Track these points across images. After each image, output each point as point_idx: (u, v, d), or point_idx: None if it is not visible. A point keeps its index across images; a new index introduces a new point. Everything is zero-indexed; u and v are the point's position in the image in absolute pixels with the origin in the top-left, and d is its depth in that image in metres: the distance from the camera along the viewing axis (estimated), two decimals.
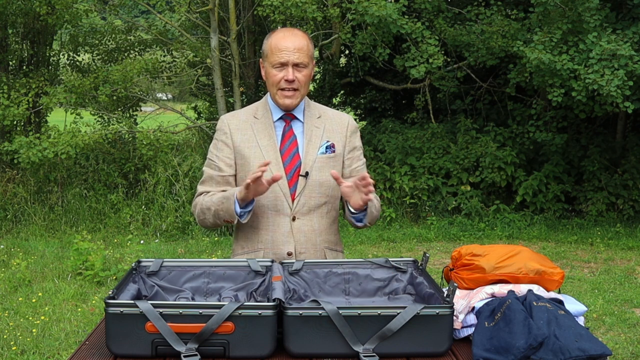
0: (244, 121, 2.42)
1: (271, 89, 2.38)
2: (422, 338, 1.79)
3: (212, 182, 2.42)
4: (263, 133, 2.39)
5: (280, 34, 2.34)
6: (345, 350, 1.78)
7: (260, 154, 2.36)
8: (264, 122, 2.41)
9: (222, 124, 2.44)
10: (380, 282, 2.19)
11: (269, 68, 2.35)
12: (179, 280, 2.16)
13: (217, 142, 2.43)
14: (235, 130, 2.40)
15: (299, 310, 1.78)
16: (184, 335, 1.76)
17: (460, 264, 2.14)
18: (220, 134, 2.42)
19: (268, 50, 2.33)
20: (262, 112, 2.43)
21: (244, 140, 2.39)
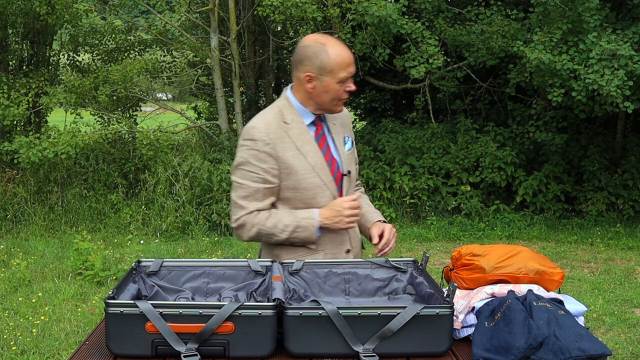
0: (278, 128, 2.35)
1: (328, 101, 2.37)
2: (422, 338, 1.79)
3: (258, 195, 2.33)
4: (301, 139, 2.37)
5: (338, 48, 2.33)
6: (345, 350, 1.78)
7: (305, 160, 2.35)
8: (297, 127, 2.38)
9: (260, 134, 2.32)
10: (380, 282, 2.19)
11: (333, 83, 2.33)
12: (179, 280, 2.16)
13: (259, 152, 2.31)
14: (275, 139, 2.33)
15: (299, 310, 1.78)
16: (184, 335, 1.76)
17: (460, 264, 2.14)
18: (261, 144, 2.32)
19: (334, 67, 2.30)
20: (291, 117, 2.38)
21: (285, 149, 2.33)
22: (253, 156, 2.32)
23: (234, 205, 2.37)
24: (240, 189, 2.34)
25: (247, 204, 2.33)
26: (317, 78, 2.31)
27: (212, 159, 9.23)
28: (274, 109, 2.41)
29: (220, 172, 8.61)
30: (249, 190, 2.33)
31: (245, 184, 2.33)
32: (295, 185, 2.34)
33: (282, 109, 2.40)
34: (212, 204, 8.43)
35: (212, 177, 8.55)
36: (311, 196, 2.36)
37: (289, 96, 2.42)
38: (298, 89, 2.40)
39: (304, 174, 2.33)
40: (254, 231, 2.34)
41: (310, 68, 2.31)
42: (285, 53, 11.52)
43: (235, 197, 2.36)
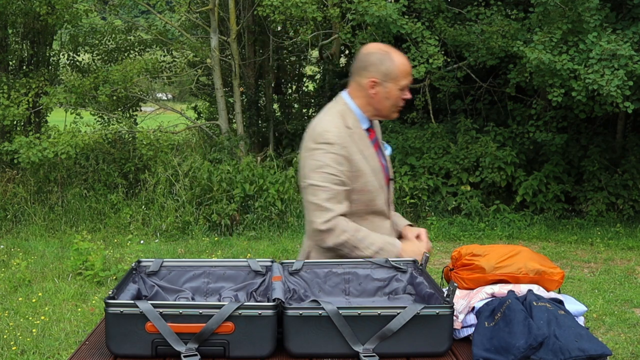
0: (345, 131, 2.40)
1: (387, 107, 2.47)
2: (422, 338, 1.79)
3: (340, 197, 2.36)
4: (362, 143, 2.44)
5: (401, 57, 2.44)
6: (345, 350, 1.78)
7: (367, 165, 2.42)
8: (358, 132, 2.45)
9: (335, 138, 2.37)
10: (380, 282, 2.19)
11: (395, 89, 2.43)
12: (179, 280, 2.16)
13: (337, 156, 2.35)
14: (346, 142, 2.39)
15: (299, 310, 1.78)
16: (184, 335, 1.76)
17: (460, 264, 2.14)
18: (338, 148, 2.36)
19: (398, 74, 2.41)
20: (352, 122, 2.44)
21: (354, 152, 2.40)
22: (332, 159, 2.35)
23: (317, 208, 2.34)
24: (322, 191, 2.34)
25: (333, 206, 2.33)
26: (381, 84, 2.41)
27: (212, 159, 9.23)
28: (335, 113, 2.45)
29: (220, 172, 8.61)
30: (332, 192, 2.34)
31: (327, 187, 2.34)
32: (361, 188, 2.40)
33: (343, 114, 2.45)
34: (212, 204, 8.43)
35: (212, 177, 8.55)
36: (372, 198, 2.44)
37: (347, 101, 2.48)
38: (357, 95, 2.47)
39: (369, 177, 2.41)
40: (343, 238, 2.33)
41: (375, 74, 2.40)
42: (285, 53, 11.52)
43: (317, 200, 2.34)
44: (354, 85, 2.48)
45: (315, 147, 2.37)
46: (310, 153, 2.39)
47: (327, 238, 2.33)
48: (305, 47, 11.00)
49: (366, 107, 2.47)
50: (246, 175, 8.58)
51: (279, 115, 11.39)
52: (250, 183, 8.53)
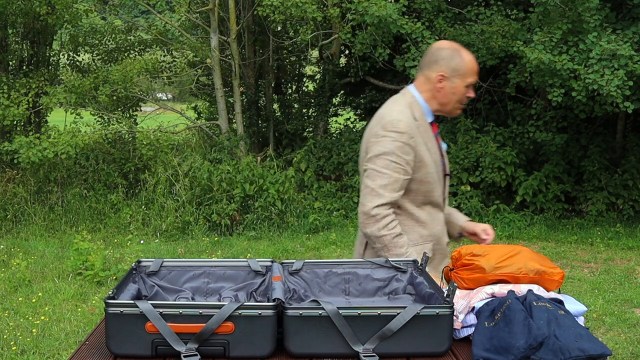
0: (413, 124, 2.48)
1: (452, 102, 2.54)
2: (422, 338, 1.79)
3: (396, 186, 2.43)
4: (426, 135, 2.52)
5: (470, 55, 2.53)
6: (345, 350, 1.78)
7: (430, 156, 2.51)
8: (424, 125, 2.53)
9: (405, 127, 2.45)
10: (380, 282, 2.19)
11: (461, 86, 2.51)
12: (179, 280, 2.16)
13: (404, 145, 2.44)
14: (414, 133, 2.46)
15: (299, 310, 1.78)
16: (184, 335, 1.76)
17: (460, 264, 2.14)
18: (407, 137, 2.44)
19: (467, 71, 2.50)
20: (418, 114, 2.52)
21: (419, 143, 2.48)
22: (398, 148, 2.43)
23: (370, 192, 2.43)
24: (380, 177, 2.42)
25: (385, 193, 2.42)
26: (449, 79, 2.49)
27: (212, 159, 9.23)
28: (404, 104, 2.53)
29: (220, 172, 8.61)
30: (390, 179, 2.42)
31: (387, 173, 2.42)
32: (422, 178, 2.49)
33: (411, 105, 2.53)
34: (212, 204, 8.43)
35: (212, 177, 8.55)
36: (430, 189, 2.53)
37: (415, 94, 2.56)
38: (424, 88, 2.55)
39: (430, 169, 2.50)
40: (381, 233, 2.41)
41: (445, 69, 2.49)
42: (285, 53, 11.52)
43: (372, 184, 2.43)
44: (421, 78, 2.56)
45: (384, 134, 2.45)
46: (377, 139, 2.46)
47: (369, 224, 2.42)
48: (305, 47, 11.00)
49: (431, 101, 2.55)
50: (246, 175, 8.58)
51: (279, 115, 11.39)
52: (250, 183, 8.53)
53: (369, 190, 2.44)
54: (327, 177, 9.72)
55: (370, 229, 2.42)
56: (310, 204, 8.85)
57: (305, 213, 8.61)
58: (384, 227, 2.41)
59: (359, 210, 2.47)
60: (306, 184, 9.37)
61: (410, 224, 2.55)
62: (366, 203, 2.42)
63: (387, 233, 2.41)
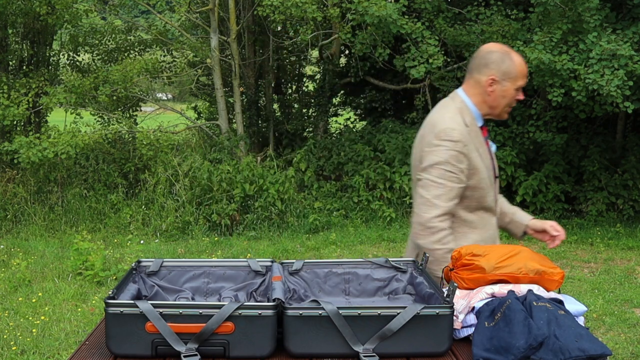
0: (465, 130, 2.46)
1: (501, 106, 2.52)
2: (422, 338, 1.79)
3: (451, 195, 2.42)
4: (477, 141, 2.50)
5: (520, 58, 2.51)
6: (345, 350, 1.78)
7: (482, 162, 2.49)
8: (474, 130, 2.50)
9: (458, 135, 2.43)
10: (380, 282, 2.19)
11: (512, 89, 2.50)
12: (179, 280, 2.16)
13: (458, 154, 2.42)
14: (466, 140, 2.44)
15: (299, 310, 1.78)
16: (184, 335, 1.76)
17: (460, 264, 2.14)
18: (460, 145, 2.42)
19: (517, 74, 2.49)
20: (469, 120, 2.50)
21: (472, 150, 2.46)
22: (452, 157, 2.41)
23: (425, 202, 2.42)
24: (435, 187, 2.41)
25: (441, 203, 2.40)
26: (500, 82, 2.47)
27: (212, 159, 9.23)
28: (454, 110, 2.50)
29: (220, 172, 8.61)
30: (445, 189, 2.41)
31: (443, 183, 2.40)
32: (475, 185, 2.47)
33: (462, 111, 2.50)
34: (212, 204, 8.43)
35: (212, 177, 8.55)
36: (483, 195, 2.52)
37: (464, 99, 2.53)
38: (474, 92, 2.53)
39: (483, 174, 2.48)
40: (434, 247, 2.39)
41: (496, 72, 2.47)
42: (285, 53, 11.52)
43: (428, 195, 2.42)
44: (471, 82, 2.54)
45: (437, 143, 2.43)
46: (431, 149, 2.44)
47: (423, 236, 2.41)
48: (305, 47, 11.00)
49: (481, 105, 2.52)
50: (246, 175, 8.58)
51: (279, 115, 11.39)
52: (250, 183, 8.53)
53: (423, 200, 2.42)
54: (327, 177, 9.73)
55: (423, 241, 2.41)
56: (310, 204, 8.85)
57: (305, 213, 8.61)
58: (438, 241, 2.39)
59: (414, 221, 2.45)
60: (306, 184, 9.37)
61: (464, 230, 2.53)
62: (422, 214, 2.41)
63: (440, 247, 2.39)
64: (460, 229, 2.52)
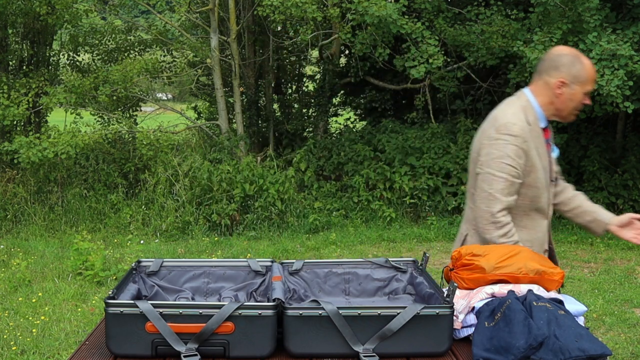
0: (527, 128, 2.50)
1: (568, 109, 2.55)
2: (422, 338, 1.79)
3: (512, 189, 2.46)
4: (538, 141, 2.53)
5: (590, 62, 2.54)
6: (345, 350, 1.78)
7: (540, 162, 2.52)
8: (536, 129, 2.53)
9: (519, 131, 2.47)
10: (380, 282, 2.19)
11: (580, 93, 2.52)
12: (179, 280, 2.16)
13: (518, 149, 2.46)
14: (528, 137, 2.48)
15: (299, 310, 1.78)
16: (184, 335, 1.76)
17: (460, 264, 2.14)
18: (520, 141, 2.46)
19: (587, 78, 2.51)
20: (532, 119, 2.53)
21: (531, 147, 2.49)
22: (513, 151, 2.45)
23: (488, 196, 2.46)
24: (497, 181, 2.45)
25: (503, 198, 2.45)
26: (569, 85, 2.50)
27: (212, 159, 9.23)
28: (518, 107, 2.55)
29: (220, 172, 8.61)
30: (506, 183, 2.45)
31: (503, 177, 2.45)
32: (530, 183, 2.50)
33: (525, 109, 2.54)
34: (212, 204, 8.43)
35: (212, 177, 8.55)
36: (538, 195, 2.54)
37: (529, 98, 2.57)
38: (541, 93, 2.56)
39: (539, 174, 2.52)
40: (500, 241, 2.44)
41: (566, 75, 2.50)
42: (285, 53, 11.52)
43: (491, 189, 2.46)
44: (539, 83, 2.57)
45: (498, 137, 2.47)
46: (491, 142, 2.48)
47: (490, 231, 2.45)
48: (305, 47, 11.00)
49: (547, 106, 2.55)
50: (246, 175, 8.58)
51: (279, 115, 11.39)
52: (250, 183, 8.53)
53: (487, 195, 2.46)
54: (327, 177, 9.73)
55: (490, 235, 2.45)
56: (310, 204, 8.85)
57: (305, 213, 8.61)
58: (504, 235, 2.44)
59: (478, 215, 2.49)
60: (306, 184, 9.37)
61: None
62: (487, 209, 2.45)
63: (506, 241, 2.44)
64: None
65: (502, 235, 2.44)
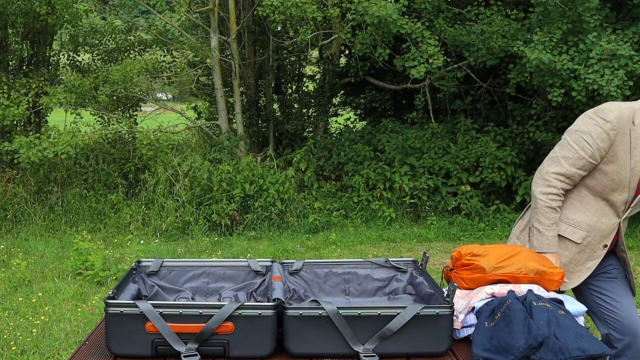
0: (626, 123, 2.54)
1: None
2: (422, 338, 1.79)
3: (577, 162, 2.55)
4: (637, 143, 2.55)
5: None
6: (345, 350, 1.78)
7: (629, 160, 2.55)
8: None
9: (612, 117, 2.52)
10: (380, 282, 2.19)
11: None
12: (179, 280, 2.16)
13: (603, 132, 2.52)
14: (619, 129, 2.52)
15: (299, 310, 1.78)
16: (184, 335, 1.76)
17: (460, 264, 2.14)
18: (609, 127, 2.52)
19: None
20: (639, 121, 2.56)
21: (621, 142, 2.53)
22: (596, 132, 2.53)
23: (553, 157, 2.61)
24: (567, 149, 2.57)
25: (565, 164, 2.56)
26: None
27: (212, 159, 9.23)
28: (630, 107, 2.60)
29: (220, 172, 8.61)
30: (575, 154, 2.55)
31: (575, 148, 2.55)
32: (608, 172, 2.55)
33: (637, 111, 2.59)
34: (212, 204, 8.43)
35: (212, 177, 8.55)
36: (612, 188, 2.58)
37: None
38: None
39: (620, 169, 2.54)
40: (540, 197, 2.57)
41: None
42: (285, 53, 11.52)
43: (558, 153, 2.60)
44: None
45: (591, 116, 2.57)
46: (584, 119, 2.59)
47: (538, 184, 2.60)
48: (305, 47, 11.00)
49: None
50: (246, 175, 8.58)
51: (279, 115, 11.39)
52: (250, 183, 8.53)
53: (553, 156, 2.61)
54: (327, 177, 9.73)
55: (536, 188, 2.60)
56: (310, 204, 8.85)
57: (305, 213, 8.61)
58: (546, 194, 2.56)
59: (539, 169, 2.63)
60: (306, 184, 9.37)
61: (577, 205, 2.64)
62: (546, 166, 2.60)
63: (545, 199, 2.56)
64: (574, 203, 2.63)
65: (544, 193, 2.57)
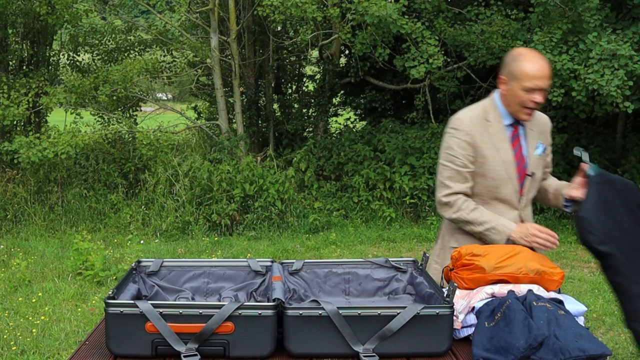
0: (479, 123, 2.67)
1: (514, 105, 2.65)
2: (422, 338, 1.79)
3: (459, 177, 2.65)
4: (497, 136, 2.67)
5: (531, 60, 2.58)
6: (345, 350, 1.78)
7: (497, 155, 2.65)
8: (497, 126, 2.68)
9: (462, 125, 2.66)
10: (380, 282, 2.20)
11: (517, 89, 2.61)
12: (179, 280, 2.16)
13: (460, 140, 2.65)
14: (475, 131, 2.65)
15: (299, 310, 1.78)
16: (184, 335, 1.76)
17: (460, 264, 2.14)
18: (462, 134, 2.65)
19: (520, 75, 2.59)
20: (492, 116, 2.69)
21: (483, 142, 2.65)
22: (456, 143, 2.66)
23: (440, 184, 2.70)
24: (444, 169, 2.69)
25: (452, 184, 2.66)
26: (507, 82, 2.65)
27: (212, 159, 9.23)
28: (479, 106, 2.74)
29: (220, 172, 8.61)
30: (452, 171, 2.66)
31: (449, 166, 2.67)
32: (485, 173, 2.65)
33: (487, 108, 2.72)
34: (212, 204, 8.43)
35: (212, 177, 8.55)
36: (496, 185, 2.67)
37: (494, 97, 2.74)
38: (501, 91, 2.71)
39: (494, 166, 2.64)
40: (455, 215, 2.65)
41: (505, 73, 2.67)
42: (285, 53, 11.52)
43: (440, 177, 2.70)
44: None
45: (448, 130, 2.71)
46: (445, 136, 2.73)
47: (445, 211, 2.68)
48: (305, 47, 11.00)
49: (505, 104, 2.69)
50: (246, 175, 8.58)
51: (279, 115, 11.39)
52: (250, 183, 8.53)
53: (439, 182, 2.71)
54: (327, 177, 9.73)
55: (447, 215, 2.67)
56: (310, 204, 8.85)
57: (305, 213, 8.61)
58: (458, 210, 2.63)
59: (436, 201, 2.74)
60: (306, 184, 9.37)
61: None
62: (437, 194, 2.71)
63: (461, 212, 2.62)
64: None
65: (456, 210, 2.64)
